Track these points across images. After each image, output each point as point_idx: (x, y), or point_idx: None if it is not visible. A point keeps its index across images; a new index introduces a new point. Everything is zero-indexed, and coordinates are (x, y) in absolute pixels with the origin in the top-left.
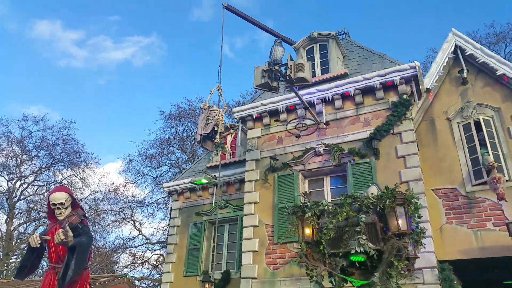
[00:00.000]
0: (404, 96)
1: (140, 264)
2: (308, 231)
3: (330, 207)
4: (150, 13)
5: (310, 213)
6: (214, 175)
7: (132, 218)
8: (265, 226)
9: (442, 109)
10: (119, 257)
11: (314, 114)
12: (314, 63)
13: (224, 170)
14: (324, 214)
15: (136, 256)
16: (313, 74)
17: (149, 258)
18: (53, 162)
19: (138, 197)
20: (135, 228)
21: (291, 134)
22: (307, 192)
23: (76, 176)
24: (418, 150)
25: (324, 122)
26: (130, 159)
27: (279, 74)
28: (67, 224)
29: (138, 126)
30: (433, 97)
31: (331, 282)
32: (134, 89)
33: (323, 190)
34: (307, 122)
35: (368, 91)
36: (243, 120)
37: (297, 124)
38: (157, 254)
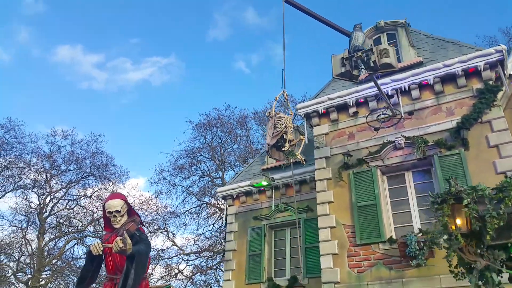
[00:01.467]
0: (490, 82)
1: (174, 276)
2: (459, 221)
3: (487, 192)
4: (169, 34)
5: (467, 199)
6: (272, 177)
7: (165, 229)
8: (343, 226)
9: None
10: (154, 269)
11: (390, 105)
12: None
13: (281, 172)
14: (483, 200)
15: (171, 267)
16: None
17: (183, 269)
18: (83, 176)
19: (170, 207)
20: (168, 239)
21: (369, 127)
22: (452, 177)
23: (106, 190)
24: None
25: (407, 112)
26: (161, 169)
27: (361, 62)
28: (124, 232)
29: (166, 138)
30: None
31: (482, 278)
32: (158, 105)
33: (406, 186)
34: (383, 115)
35: (448, 78)
36: (307, 116)
37: (379, 115)
38: (191, 264)
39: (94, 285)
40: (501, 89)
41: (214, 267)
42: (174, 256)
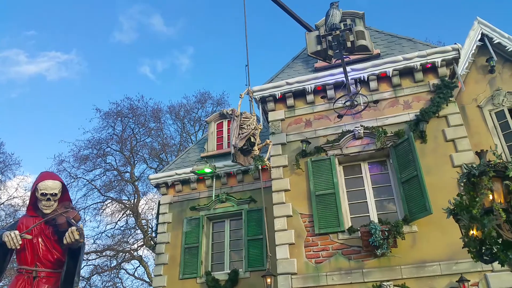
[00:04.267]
0: (446, 79)
1: None
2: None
3: None
4: (70, 30)
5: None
6: (214, 165)
7: None
8: (300, 216)
9: (471, 96)
10: None
11: (357, 92)
12: None
13: (223, 160)
14: None
15: None
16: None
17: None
18: None
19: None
20: None
21: (326, 116)
22: (483, 150)
23: None
24: None
25: (372, 101)
26: (61, 159)
27: (336, 42)
28: (71, 220)
29: (69, 128)
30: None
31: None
32: (53, 101)
33: (362, 176)
34: (339, 104)
35: (406, 72)
36: (263, 100)
37: (346, 101)
38: (91, 265)
39: None
40: (457, 86)
41: (116, 268)
42: None
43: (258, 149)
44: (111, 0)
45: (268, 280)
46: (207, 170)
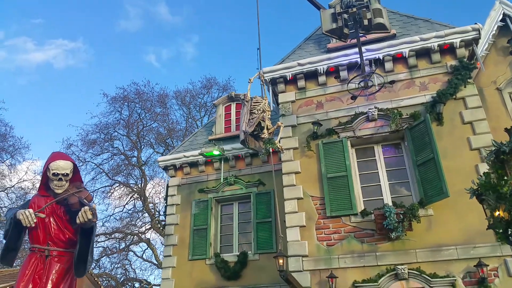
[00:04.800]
0: (465, 60)
1: None
2: None
3: None
4: (76, 18)
5: None
6: (222, 148)
7: None
8: (311, 198)
9: (490, 79)
10: None
11: (372, 72)
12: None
13: (232, 143)
14: None
15: None
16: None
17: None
18: None
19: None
20: None
21: (338, 97)
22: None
23: (2, 162)
24: None
25: (389, 82)
26: (69, 143)
27: (352, 20)
28: (84, 200)
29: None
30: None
31: None
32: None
33: (375, 159)
34: (353, 85)
35: (423, 53)
36: (273, 82)
37: (360, 81)
38: (100, 247)
39: None
40: (476, 67)
41: (125, 250)
42: None
43: (269, 133)
44: None
45: (281, 261)
46: (216, 152)
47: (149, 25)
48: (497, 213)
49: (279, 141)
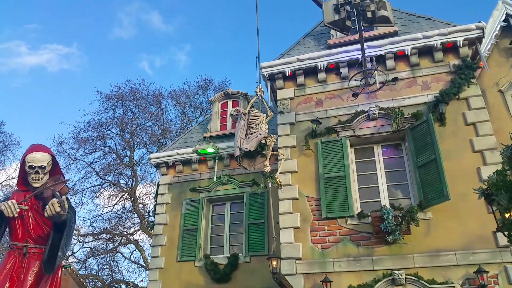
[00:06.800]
0: (468, 59)
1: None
2: None
3: None
4: (71, 24)
5: None
6: (217, 146)
7: None
8: (307, 199)
9: (492, 80)
10: None
11: (373, 68)
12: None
13: (227, 141)
14: None
15: None
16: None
17: (77, 251)
18: None
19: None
20: None
21: (338, 95)
22: None
23: None
24: None
25: (392, 79)
26: (61, 141)
27: (355, 12)
28: (56, 193)
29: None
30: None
31: None
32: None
33: (374, 160)
34: (353, 83)
35: (425, 51)
36: (271, 78)
37: (362, 78)
38: (87, 247)
39: None
40: (479, 67)
41: (112, 251)
42: None
43: (271, 155)
44: None
45: (274, 262)
46: (210, 150)
47: (142, 33)
48: (508, 214)
49: (278, 175)
